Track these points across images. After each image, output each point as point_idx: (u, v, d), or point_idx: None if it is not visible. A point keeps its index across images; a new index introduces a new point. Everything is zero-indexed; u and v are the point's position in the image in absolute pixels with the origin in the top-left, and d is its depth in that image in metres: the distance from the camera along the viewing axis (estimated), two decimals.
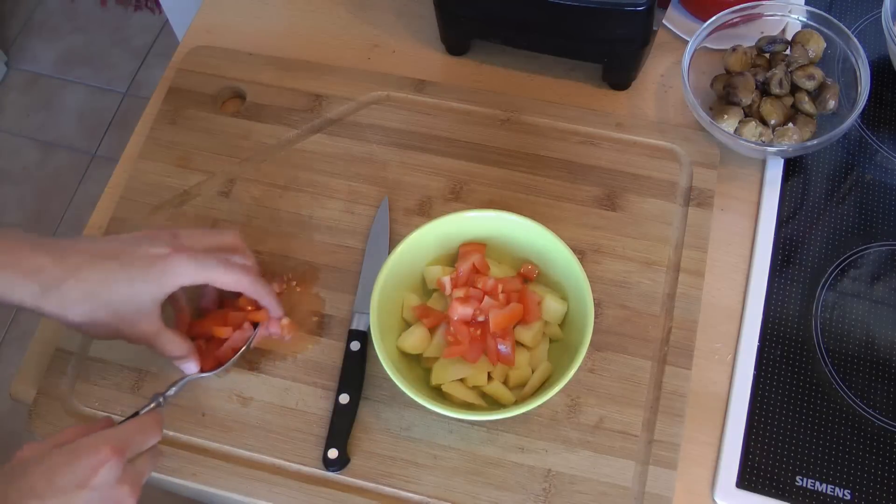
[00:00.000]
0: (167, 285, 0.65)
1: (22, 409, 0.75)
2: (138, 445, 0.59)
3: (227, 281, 0.68)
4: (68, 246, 0.64)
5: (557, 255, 0.73)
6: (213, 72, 0.91)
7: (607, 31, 0.83)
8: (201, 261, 0.66)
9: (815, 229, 0.82)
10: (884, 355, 0.76)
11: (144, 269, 0.64)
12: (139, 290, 0.64)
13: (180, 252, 0.66)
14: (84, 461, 0.55)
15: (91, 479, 0.54)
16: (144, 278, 0.64)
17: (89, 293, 0.63)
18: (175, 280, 0.65)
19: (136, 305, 0.65)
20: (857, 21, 0.94)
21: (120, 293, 0.64)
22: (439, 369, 0.70)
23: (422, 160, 0.85)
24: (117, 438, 0.57)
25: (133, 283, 0.64)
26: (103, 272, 0.63)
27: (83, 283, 0.63)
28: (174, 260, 0.65)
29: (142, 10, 2.23)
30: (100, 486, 0.54)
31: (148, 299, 0.65)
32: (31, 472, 0.55)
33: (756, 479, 0.70)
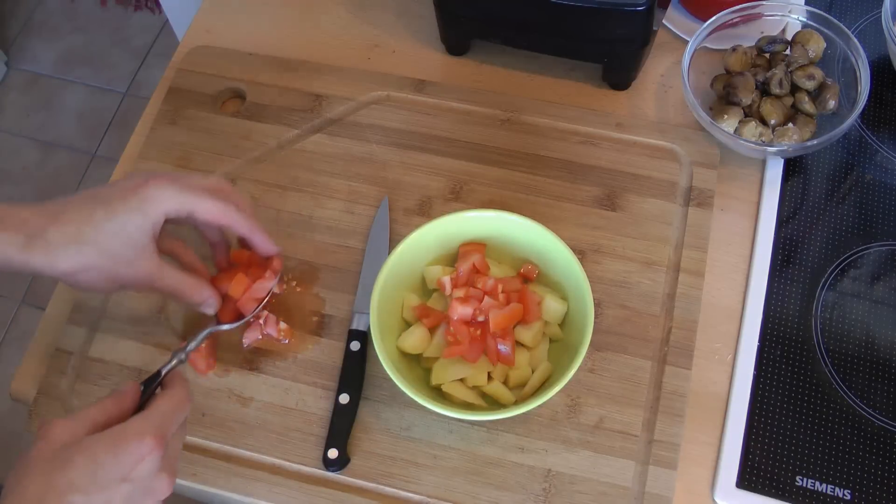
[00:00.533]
0: (151, 212, 0.62)
1: (22, 409, 0.75)
2: (175, 425, 0.56)
3: (211, 209, 0.65)
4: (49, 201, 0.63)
5: (557, 255, 0.73)
6: (213, 72, 0.91)
7: (607, 31, 0.83)
8: (183, 187, 0.64)
9: (815, 229, 0.82)
10: (884, 355, 0.76)
11: (124, 199, 0.62)
12: (123, 221, 0.62)
13: (159, 178, 0.63)
14: (128, 452, 0.52)
15: (133, 471, 0.52)
16: (125, 208, 0.62)
17: (74, 235, 0.61)
18: (157, 206, 0.62)
19: (125, 240, 0.62)
20: (857, 21, 0.94)
21: (105, 229, 0.61)
22: (439, 369, 0.70)
23: (422, 160, 0.85)
24: (159, 424, 0.54)
25: (115, 215, 0.61)
26: (84, 211, 0.61)
27: (66, 225, 0.61)
28: (153, 185, 0.63)
29: (142, 10, 2.23)
30: (141, 478, 0.52)
31: (135, 231, 0.62)
32: (74, 464, 0.50)
33: (756, 479, 0.70)
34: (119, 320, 0.78)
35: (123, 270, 0.63)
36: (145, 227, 0.62)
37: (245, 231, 0.68)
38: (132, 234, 0.62)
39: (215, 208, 0.65)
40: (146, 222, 0.62)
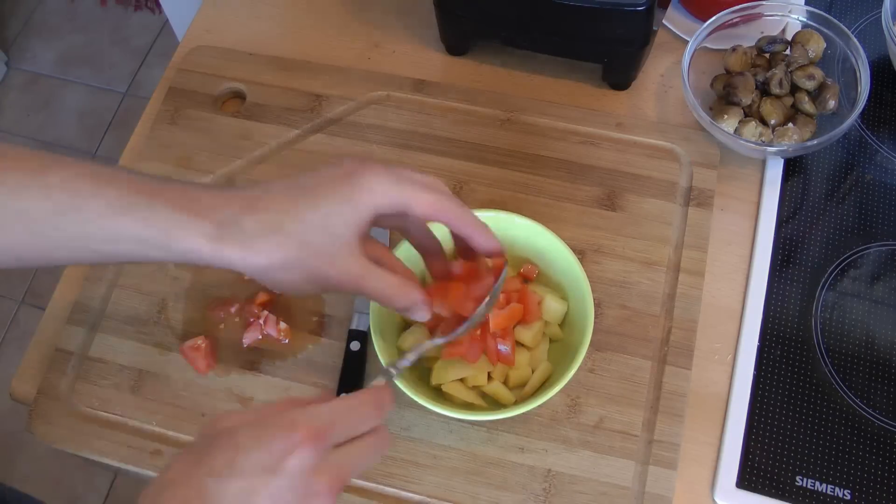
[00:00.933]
0: (361, 204, 0.54)
1: (22, 409, 0.75)
2: (347, 429, 0.49)
3: (431, 202, 0.56)
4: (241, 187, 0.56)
5: (557, 255, 0.73)
6: (213, 72, 0.91)
7: (607, 31, 0.83)
8: (398, 176, 0.56)
9: (815, 229, 0.82)
10: (884, 355, 0.76)
11: (334, 188, 0.54)
12: (330, 212, 0.54)
13: (371, 165, 0.55)
14: (273, 442, 0.46)
15: (281, 464, 0.45)
16: (334, 198, 0.54)
17: (273, 225, 0.53)
18: (369, 197, 0.54)
19: (332, 234, 0.54)
20: (857, 21, 0.94)
21: (309, 220, 0.54)
22: (439, 369, 0.70)
23: (422, 160, 0.85)
24: (318, 418, 0.48)
25: (322, 205, 0.54)
26: (286, 200, 0.54)
27: (265, 213, 0.53)
28: (366, 173, 0.55)
29: (142, 10, 2.23)
30: (290, 474, 0.45)
31: (343, 225, 0.54)
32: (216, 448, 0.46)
33: (756, 479, 0.70)
34: (119, 320, 0.78)
35: (327, 268, 0.55)
36: (354, 220, 0.55)
37: (467, 227, 0.59)
38: (339, 227, 0.54)
39: (435, 201, 0.57)
40: (356, 215, 0.55)
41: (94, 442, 0.73)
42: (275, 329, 0.75)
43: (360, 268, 0.56)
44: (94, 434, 0.73)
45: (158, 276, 0.80)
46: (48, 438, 0.73)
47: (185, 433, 0.73)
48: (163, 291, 0.79)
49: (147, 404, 0.74)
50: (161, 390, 0.74)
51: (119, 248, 0.54)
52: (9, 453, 1.67)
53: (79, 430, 0.73)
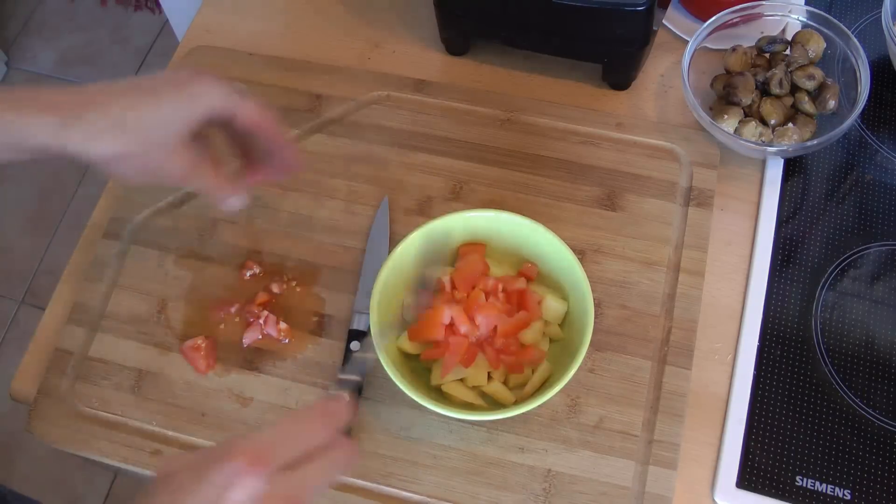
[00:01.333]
0: (197, 105, 0.61)
1: (22, 409, 0.75)
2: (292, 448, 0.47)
3: (256, 112, 0.64)
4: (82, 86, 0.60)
5: (557, 255, 0.73)
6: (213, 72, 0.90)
7: (607, 31, 0.83)
8: (227, 85, 0.63)
9: (814, 229, 0.82)
10: (884, 355, 0.76)
11: (172, 91, 0.60)
12: (168, 111, 0.60)
13: (204, 76, 0.62)
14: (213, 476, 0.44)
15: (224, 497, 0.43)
16: (174, 99, 0.60)
17: (116, 119, 0.58)
18: (205, 101, 0.61)
19: (167, 130, 0.60)
20: (857, 21, 0.94)
21: (148, 117, 0.59)
22: (439, 369, 0.70)
23: (422, 160, 0.85)
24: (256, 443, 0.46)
25: (161, 105, 0.60)
26: (129, 98, 0.59)
27: (108, 107, 0.58)
28: (199, 81, 0.62)
29: (142, 10, 2.23)
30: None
31: (180, 123, 0.61)
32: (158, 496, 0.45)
33: (756, 479, 0.70)
34: (119, 320, 0.78)
35: (161, 162, 0.61)
36: (190, 119, 0.61)
37: (278, 139, 0.66)
38: (176, 124, 0.60)
39: (259, 111, 0.64)
40: (190, 115, 0.61)
41: (94, 442, 0.73)
42: (275, 329, 0.75)
43: (190, 161, 0.62)
44: (94, 434, 0.73)
45: (158, 276, 0.80)
46: (48, 438, 0.73)
47: (185, 433, 0.73)
48: (163, 291, 0.79)
49: (147, 404, 0.74)
50: (161, 390, 0.74)
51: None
52: (9, 453, 1.67)
53: (79, 430, 0.73)
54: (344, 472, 0.50)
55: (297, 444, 0.47)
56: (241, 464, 0.44)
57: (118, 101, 0.59)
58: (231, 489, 0.43)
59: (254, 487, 0.44)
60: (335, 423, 0.49)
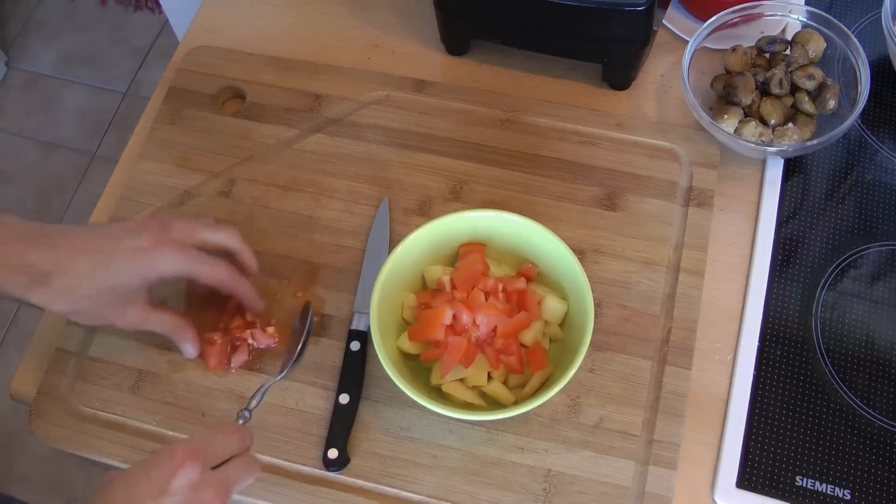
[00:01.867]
0: (149, 275, 0.67)
1: (22, 409, 0.75)
2: (219, 450, 0.59)
3: (212, 276, 0.69)
4: (59, 237, 0.67)
5: (557, 255, 0.73)
6: (213, 72, 0.91)
7: (607, 31, 0.83)
8: (186, 254, 0.68)
9: (814, 229, 0.82)
10: (884, 355, 0.76)
11: (127, 261, 0.66)
12: (121, 281, 0.66)
13: (163, 245, 0.67)
14: (159, 468, 0.55)
15: (169, 484, 0.55)
16: (126, 270, 0.66)
17: (73, 287, 0.65)
18: (157, 270, 0.67)
19: (120, 294, 0.67)
20: (857, 21, 0.94)
21: (102, 284, 0.66)
22: (439, 369, 0.70)
23: (422, 160, 0.85)
24: (192, 443, 0.58)
25: (115, 275, 0.66)
26: (88, 266, 0.65)
27: (68, 276, 0.65)
28: (156, 253, 0.67)
29: (142, 10, 2.23)
30: (180, 490, 0.55)
31: (131, 289, 0.67)
32: (112, 487, 0.55)
33: (756, 479, 0.70)
34: None
35: (115, 318, 0.69)
36: (141, 285, 0.68)
37: (238, 294, 0.72)
38: (129, 290, 0.67)
39: (215, 275, 0.69)
40: (142, 282, 0.67)
41: (94, 442, 0.73)
42: (264, 339, 0.75)
43: (143, 315, 0.69)
44: (94, 434, 0.73)
45: None
46: (48, 438, 0.73)
47: (185, 433, 0.73)
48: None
49: (147, 404, 0.74)
50: (161, 390, 0.75)
51: None
52: (9, 453, 1.67)
53: (79, 430, 0.73)
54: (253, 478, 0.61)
55: (220, 450, 0.59)
56: (181, 458, 0.55)
57: (77, 267, 0.65)
58: (175, 478, 0.55)
59: (191, 476, 0.55)
60: (244, 442, 0.61)
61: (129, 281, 0.67)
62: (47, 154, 2.04)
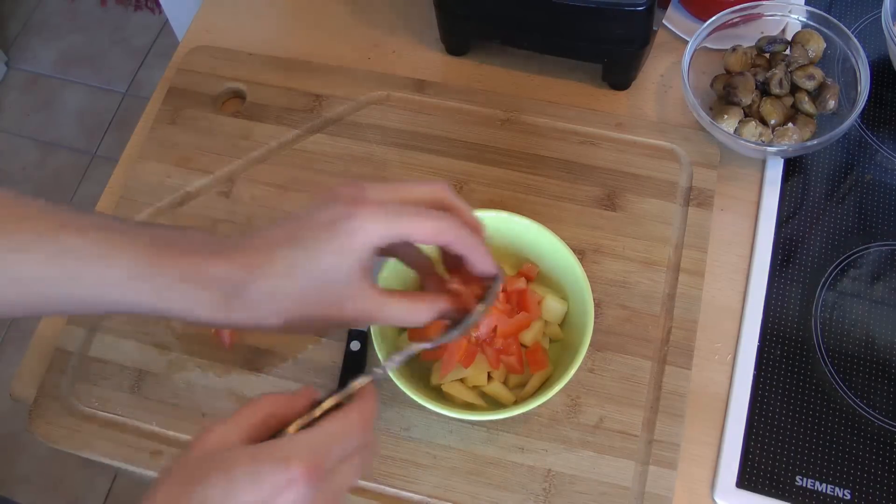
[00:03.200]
0: (358, 250, 0.53)
1: (22, 409, 0.75)
2: (340, 456, 0.48)
3: (430, 230, 0.54)
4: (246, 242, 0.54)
5: (557, 255, 0.73)
6: (213, 72, 0.91)
7: (607, 31, 0.83)
8: (392, 211, 0.53)
9: (814, 229, 0.82)
10: (884, 355, 0.76)
11: (327, 241, 0.52)
12: (328, 266, 0.53)
13: (362, 206, 0.53)
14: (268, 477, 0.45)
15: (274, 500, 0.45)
16: (330, 249, 0.52)
17: (274, 290, 0.53)
18: (365, 240, 0.52)
19: (334, 285, 0.53)
20: (857, 21, 0.94)
21: (309, 279, 0.53)
22: (439, 369, 0.70)
23: (422, 160, 0.85)
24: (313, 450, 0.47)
25: (318, 261, 0.53)
26: (284, 261, 0.53)
27: (266, 280, 0.53)
28: (357, 217, 0.52)
29: (142, 10, 2.23)
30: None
31: (344, 273, 0.53)
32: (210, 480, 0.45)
33: (756, 479, 0.70)
34: (119, 320, 0.78)
35: (338, 314, 0.54)
36: (355, 265, 0.53)
37: (465, 249, 0.56)
38: (341, 276, 0.53)
39: (434, 227, 0.54)
40: (355, 261, 0.53)
41: (94, 442, 0.73)
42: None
43: (372, 304, 0.55)
44: (94, 434, 0.73)
45: None
46: (48, 438, 0.73)
47: (185, 433, 0.73)
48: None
49: (147, 404, 0.74)
50: (161, 390, 0.75)
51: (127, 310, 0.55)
52: (9, 453, 1.67)
53: (79, 430, 0.73)
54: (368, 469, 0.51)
55: (344, 452, 0.48)
56: (298, 472, 0.45)
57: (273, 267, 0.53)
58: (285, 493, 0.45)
59: (305, 495, 0.45)
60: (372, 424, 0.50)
61: (338, 262, 0.52)
62: (47, 154, 2.04)
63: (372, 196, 0.54)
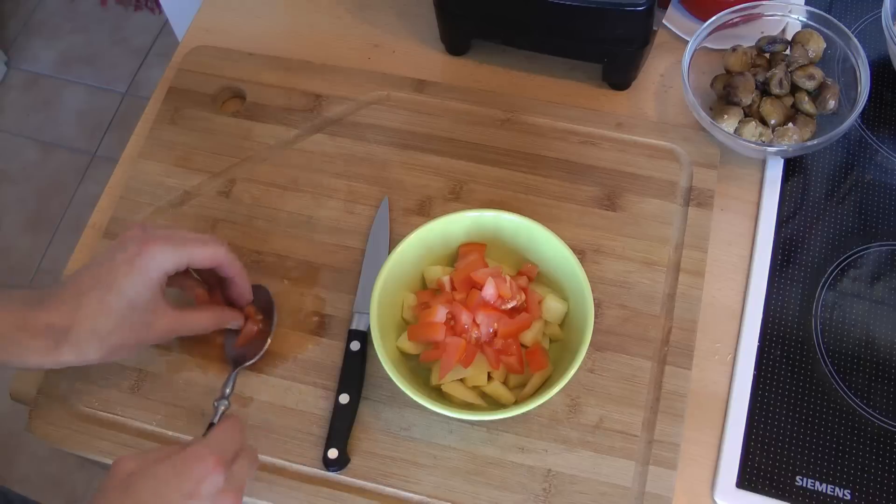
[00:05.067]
0: (154, 279, 0.66)
1: (22, 409, 0.75)
2: (232, 451, 0.60)
3: (206, 254, 0.68)
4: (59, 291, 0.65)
5: (557, 255, 0.73)
6: (213, 72, 0.91)
7: (607, 31, 0.83)
8: (176, 241, 0.67)
9: (815, 229, 0.82)
10: (884, 355, 0.76)
11: (128, 275, 0.65)
12: (133, 298, 0.65)
13: (151, 242, 0.66)
14: (191, 472, 0.56)
15: (198, 490, 0.56)
16: (131, 285, 0.65)
17: (95, 329, 0.64)
18: (158, 269, 0.66)
19: (140, 312, 0.66)
20: (857, 21, 0.94)
21: (120, 313, 0.65)
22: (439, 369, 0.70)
23: (422, 160, 0.85)
24: (218, 447, 0.58)
25: (124, 296, 0.65)
26: (98, 303, 0.64)
27: (86, 321, 0.64)
28: (148, 252, 0.66)
29: (142, 10, 2.23)
30: (207, 495, 0.56)
31: (145, 301, 0.66)
32: (140, 486, 0.55)
33: (756, 479, 0.70)
34: None
35: (146, 336, 0.67)
36: (152, 292, 0.66)
37: (234, 272, 0.71)
38: (144, 304, 0.66)
39: (209, 252, 0.69)
40: (152, 288, 0.66)
41: (94, 442, 0.73)
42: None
43: (173, 320, 0.68)
44: (94, 434, 0.73)
45: None
46: (48, 438, 0.73)
47: (186, 433, 0.73)
48: None
49: (147, 404, 0.74)
50: (161, 390, 0.75)
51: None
52: (9, 453, 1.67)
53: (79, 430, 0.73)
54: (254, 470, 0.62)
55: (234, 447, 0.60)
56: (210, 464, 0.56)
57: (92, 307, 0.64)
58: (203, 483, 0.56)
59: (218, 482, 0.57)
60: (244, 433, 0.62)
61: (138, 292, 0.65)
62: (47, 154, 2.04)
63: (158, 234, 0.67)
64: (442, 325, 0.70)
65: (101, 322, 0.64)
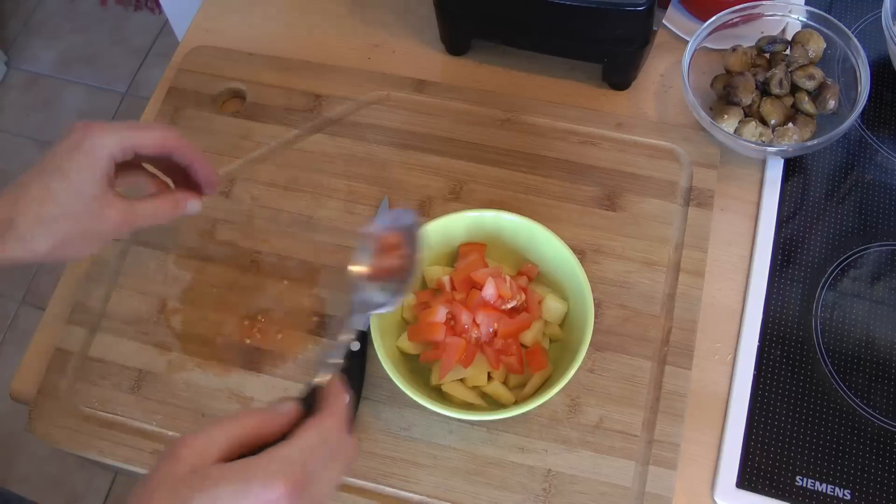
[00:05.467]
0: (100, 161, 0.62)
1: (22, 409, 0.75)
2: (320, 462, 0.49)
3: (155, 136, 0.65)
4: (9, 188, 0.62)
5: (557, 255, 0.73)
6: (213, 72, 0.91)
7: (607, 31, 0.83)
8: (120, 125, 0.64)
9: (815, 229, 0.82)
10: (884, 355, 0.76)
11: (71, 161, 0.62)
12: (78, 183, 0.62)
13: (95, 127, 0.63)
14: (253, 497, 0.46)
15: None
16: (75, 169, 0.62)
17: (40, 215, 0.61)
18: (102, 152, 0.62)
19: (86, 198, 0.62)
20: (857, 21, 0.94)
21: (65, 199, 0.61)
22: (439, 369, 0.70)
23: (422, 160, 0.85)
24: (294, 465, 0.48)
25: (69, 180, 0.61)
26: (41, 187, 0.61)
27: (30, 207, 0.61)
28: (91, 134, 0.63)
29: (142, 10, 2.23)
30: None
31: (91, 185, 0.62)
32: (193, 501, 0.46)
33: (756, 479, 0.70)
34: (119, 320, 0.78)
35: (97, 226, 0.63)
36: (98, 175, 0.62)
37: (189, 155, 0.67)
38: (90, 190, 0.62)
39: (160, 136, 0.65)
40: (96, 171, 0.62)
41: (94, 442, 0.73)
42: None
43: (124, 208, 0.64)
44: (94, 434, 0.73)
45: (158, 276, 0.80)
46: (48, 438, 0.73)
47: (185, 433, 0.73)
48: (163, 291, 0.79)
49: (147, 404, 0.74)
50: (161, 390, 0.75)
51: None
52: (9, 453, 1.67)
53: (79, 430, 0.73)
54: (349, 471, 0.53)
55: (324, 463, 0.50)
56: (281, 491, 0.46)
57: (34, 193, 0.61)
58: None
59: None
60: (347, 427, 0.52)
61: (83, 177, 0.61)
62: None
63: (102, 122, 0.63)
64: (442, 325, 0.70)
65: (46, 209, 0.61)
